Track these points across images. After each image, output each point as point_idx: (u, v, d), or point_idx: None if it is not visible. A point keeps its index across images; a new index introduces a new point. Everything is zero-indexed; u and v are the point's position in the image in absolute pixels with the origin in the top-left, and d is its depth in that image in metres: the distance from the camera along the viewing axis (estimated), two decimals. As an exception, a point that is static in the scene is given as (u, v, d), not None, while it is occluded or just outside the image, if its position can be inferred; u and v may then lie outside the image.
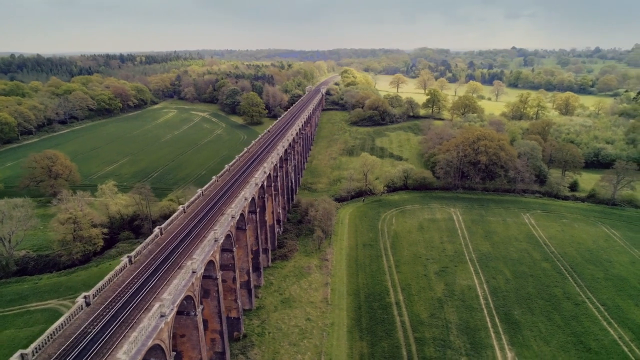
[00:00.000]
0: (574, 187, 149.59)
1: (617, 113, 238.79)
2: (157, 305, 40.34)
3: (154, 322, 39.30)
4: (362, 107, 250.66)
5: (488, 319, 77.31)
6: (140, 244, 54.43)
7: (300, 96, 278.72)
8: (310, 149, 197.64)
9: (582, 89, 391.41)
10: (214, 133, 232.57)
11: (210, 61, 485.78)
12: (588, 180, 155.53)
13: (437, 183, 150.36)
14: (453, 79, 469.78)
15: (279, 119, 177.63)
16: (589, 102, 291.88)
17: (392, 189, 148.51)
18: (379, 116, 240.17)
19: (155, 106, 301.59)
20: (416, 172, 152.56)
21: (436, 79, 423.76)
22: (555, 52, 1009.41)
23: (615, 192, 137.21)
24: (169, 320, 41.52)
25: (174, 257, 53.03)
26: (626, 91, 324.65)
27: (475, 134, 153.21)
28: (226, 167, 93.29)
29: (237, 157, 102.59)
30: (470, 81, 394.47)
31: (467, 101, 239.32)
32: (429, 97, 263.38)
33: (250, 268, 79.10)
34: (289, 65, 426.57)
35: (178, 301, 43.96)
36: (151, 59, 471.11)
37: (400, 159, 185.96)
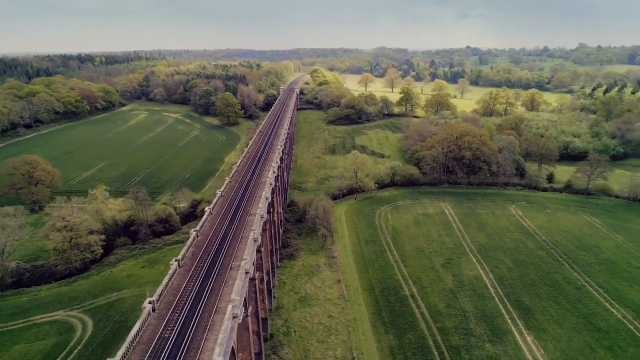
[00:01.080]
0: (550, 178, 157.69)
1: (578, 108, 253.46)
2: (230, 306, 40.07)
3: (229, 323, 39.05)
4: (338, 106, 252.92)
5: (501, 306, 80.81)
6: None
7: (274, 96, 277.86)
8: (292, 149, 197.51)
9: (539, 86, 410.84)
10: (190, 134, 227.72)
11: (176, 61, 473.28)
12: (561, 172, 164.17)
13: (424, 179, 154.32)
14: (417, 78, 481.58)
15: (265, 119, 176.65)
16: (548, 98, 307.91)
17: (380, 185, 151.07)
18: (355, 115, 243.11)
19: (124, 108, 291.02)
20: (403, 169, 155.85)
21: (402, 77, 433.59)
22: (506, 51, 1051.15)
23: (590, 183, 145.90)
24: (240, 320, 41.30)
25: (220, 258, 52.44)
26: (582, 87, 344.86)
27: (458, 130, 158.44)
28: (234, 167, 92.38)
29: (240, 158, 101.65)
30: (436, 79, 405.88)
31: (440, 99, 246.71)
32: (402, 95, 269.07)
33: (270, 268, 78.92)
34: (258, 65, 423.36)
35: (242, 302, 43.78)
36: (112, 59, 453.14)
37: (382, 156, 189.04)
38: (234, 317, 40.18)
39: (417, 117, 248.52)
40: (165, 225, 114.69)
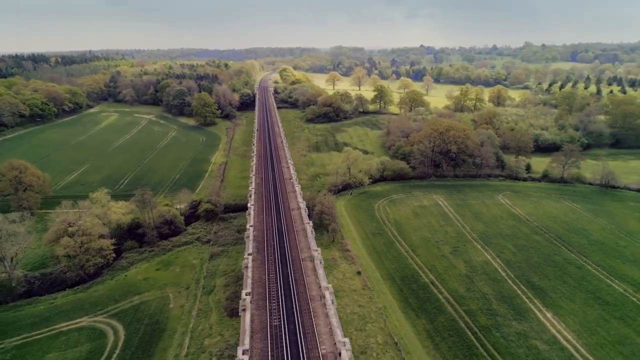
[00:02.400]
0: (528, 169, 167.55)
1: (539, 103, 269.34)
2: (327, 293, 41.98)
3: (333, 308, 40.99)
4: (315, 105, 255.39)
5: (515, 288, 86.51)
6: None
7: (249, 95, 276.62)
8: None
9: (497, 83, 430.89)
10: (168, 136, 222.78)
11: (140, 61, 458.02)
12: (535, 163, 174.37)
13: (413, 173, 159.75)
14: (382, 76, 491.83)
15: (255, 118, 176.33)
16: (510, 94, 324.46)
17: (372, 180, 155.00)
18: (333, 113, 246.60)
19: (92, 110, 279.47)
20: (392, 164, 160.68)
21: (367, 76, 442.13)
22: (457, 49, 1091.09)
23: (565, 172, 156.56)
24: (336, 306, 43.22)
25: (286, 251, 53.90)
26: (539, 84, 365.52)
27: (443, 125, 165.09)
28: (253, 165, 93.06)
29: (254, 159, 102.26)
30: (402, 78, 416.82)
31: (414, 96, 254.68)
32: (376, 93, 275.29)
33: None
34: (226, 65, 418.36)
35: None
36: (68, 60, 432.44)
37: (366, 152, 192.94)
38: (332, 302, 42.10)
39: (394, 114, 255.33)
40: (170, 227, 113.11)
